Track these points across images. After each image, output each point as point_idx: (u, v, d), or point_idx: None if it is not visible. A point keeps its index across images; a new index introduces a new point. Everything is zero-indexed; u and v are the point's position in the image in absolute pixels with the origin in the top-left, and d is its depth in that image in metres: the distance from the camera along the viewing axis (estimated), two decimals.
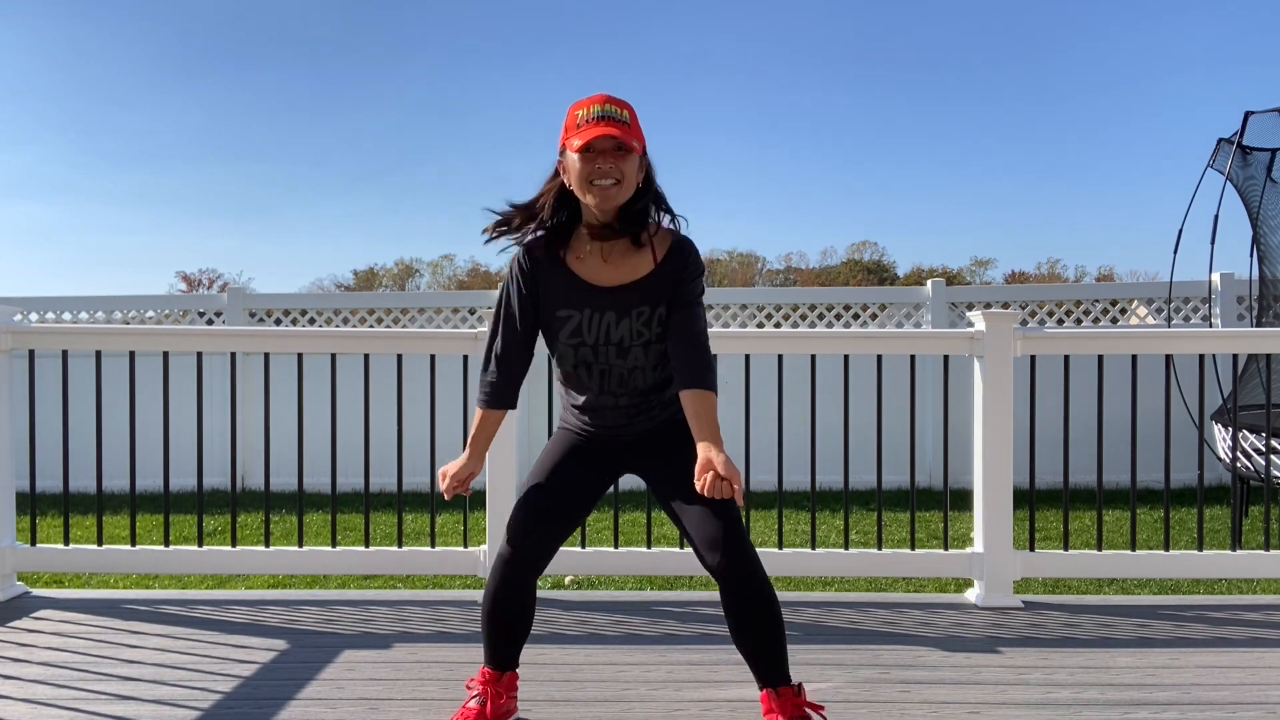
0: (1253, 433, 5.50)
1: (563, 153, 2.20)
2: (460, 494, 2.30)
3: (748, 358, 3.70)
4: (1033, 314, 8.43)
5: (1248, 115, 6.34)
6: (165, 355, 3.77)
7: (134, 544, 3.75)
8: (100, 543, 3.75)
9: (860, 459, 3.98)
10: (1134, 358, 3.65)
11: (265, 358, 3.77)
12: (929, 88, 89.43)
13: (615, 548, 3.77)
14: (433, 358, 3.74)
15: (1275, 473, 5.15)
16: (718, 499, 2.09)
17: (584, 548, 3.76)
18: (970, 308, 8.36)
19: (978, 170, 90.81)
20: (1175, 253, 6.85)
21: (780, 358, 3.69)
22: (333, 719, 2.45)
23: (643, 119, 2.23)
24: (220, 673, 2.78)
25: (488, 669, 2.36)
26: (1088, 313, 8.24)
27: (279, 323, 8.57)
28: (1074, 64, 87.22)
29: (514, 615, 2.31)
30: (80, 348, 3.77)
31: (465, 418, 3.74)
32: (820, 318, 8.39)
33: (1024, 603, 3.50)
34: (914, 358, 3.71)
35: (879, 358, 3.70)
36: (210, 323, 8.55)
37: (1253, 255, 6.61)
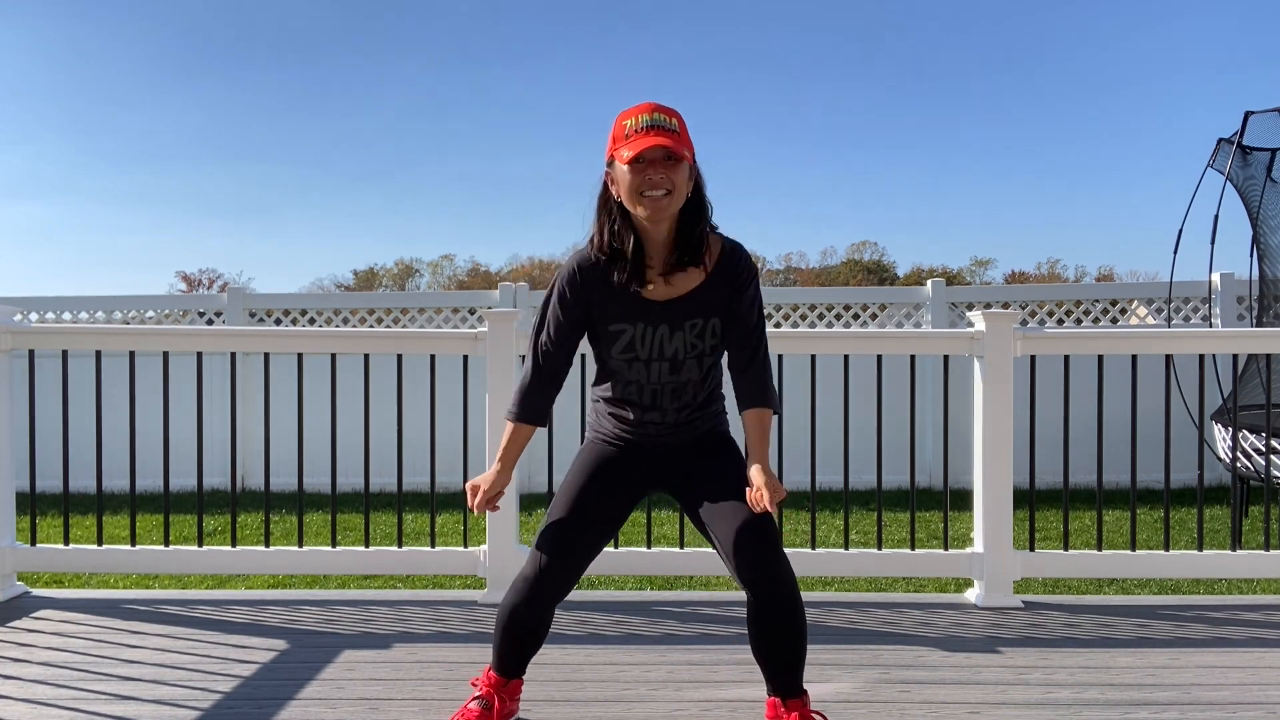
0: (1253, 433, 5.50)
1: (611, 164, 2.17)
2: (491, 512, 2.26)
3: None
4: (1033, 314, 8.43)
5: (1248, 115, 6.34)
6: (165, 355, 3.77)
7: (134, 544, 3.75)
8: (100, 543, 3.75)
9: (860, 459, 3.98)
10: (1134, 358, 3.65)
11: (265, 358, 3.77)
12: (929, 88, 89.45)
13: (615, 548, 3.77)
14: (433, 358, 3.74)
15: (1275, 473, 5.15)
16: (753, 522, 2.11)
17: None
18: (970, 308, 8.36)
19: (978, 170, 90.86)
20: (1175, 253, 6.85)
21: (780, 357, 3.69)
22: (333, 719, 2.45)
23: None
24: (220, 673, 2.77)
25: (495, 674, 2.34)
26: (1088, 313, 8.24)
27: (279, 323, 8.57)
28: (1074, 65, 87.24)
29: (528, 633, 2.28)
30: (80, 348, 3.78)
31: (465, 418, 3.75)
32: (820, 318, 8.39)
33: (1024, 603, 3.50)
34: (914, 358, 3.71)
35: (879, 358, 3.70)
36: (210, 323, 8.55)
37: (1253, 255, 6.61)
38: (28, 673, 2.77)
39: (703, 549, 3.70)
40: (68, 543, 3.76)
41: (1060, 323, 8.24)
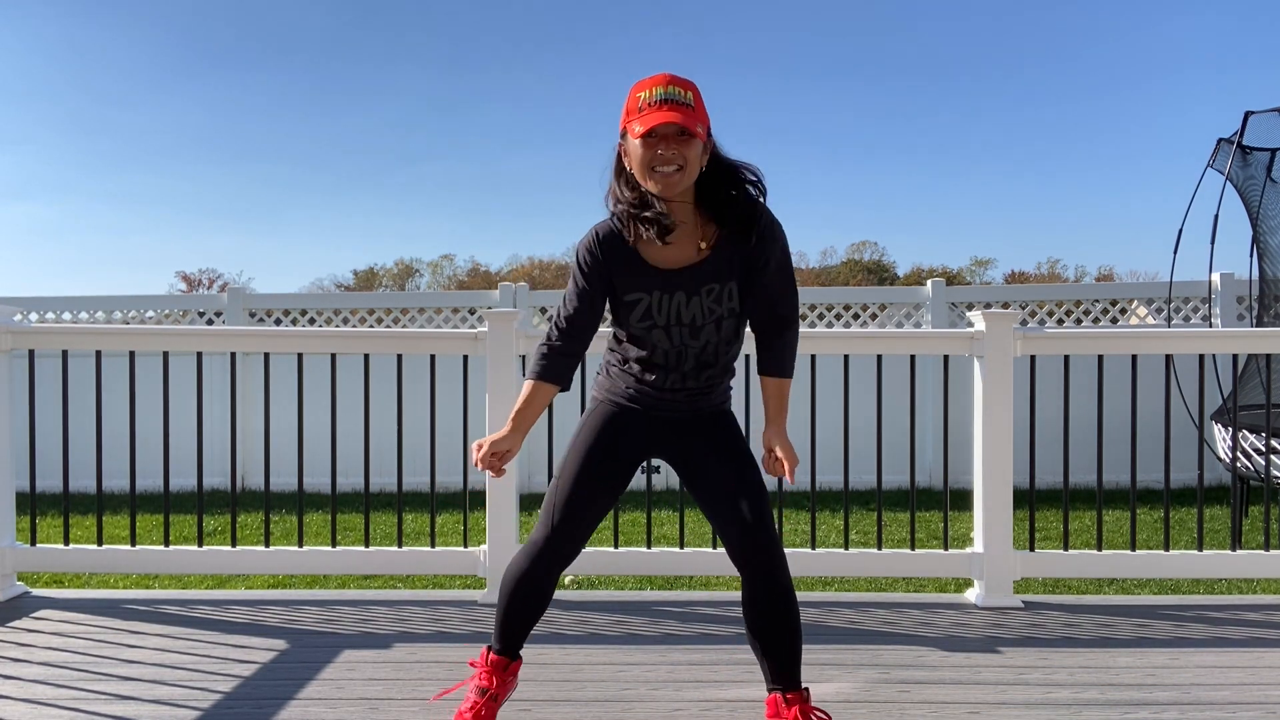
0: (1253, 433, 5.50)
1: (623, 135, 2.13)
2: (491, 472, 2.20)
3: (748, 358, 3.69)
4: (1033, 314, 8.44)
5: (1248, 115, 6.34)
6: (165, 355, 3.77)
7: (134, 544, 3.75)
8: (100, 543, 3.75)
9: (860, 459, 3.98)
10: (1134, 358, 3.65)
11: (265, 358, 3.77)
12: (930, 88, 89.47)
13: (615, 548, 3.77)
14: (433, 358, 3.75)
15: (1275, 473, 5.15)
16: (752, 497, 2.16)
17: (584, 548, 3.76)
18: (970, 308, 8.36)
19: (978, 170, 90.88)
20: (1175, 253, 6.85)
21: None
22: (333, 719, 2.45)
23: None
24: (220, 673, 2.78)
25: (495, 656, 2.33)
26: (1088, 313, 8.24)
27: (279, 323, 8.57)
28: (1074, 64, 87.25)
29: (533, 600, 2.29)
30: (80, 348, 3.78)
31: (465, 418, 3.75)
32: (820, 318, 8.39)
33: (1024, 603, 3.50)
34: (914, 358, 3.72)
35: (879, 358, 3.70)
36: (210, 323, 8.55)
37: (1253, 255, 6.62)
38: (28, 673, 2.78)
39: (703, 549, 3.70)
40: (68, 543, 3.76)
41: (1060, 323, 8.25)
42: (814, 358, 3.69)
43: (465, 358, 3.69)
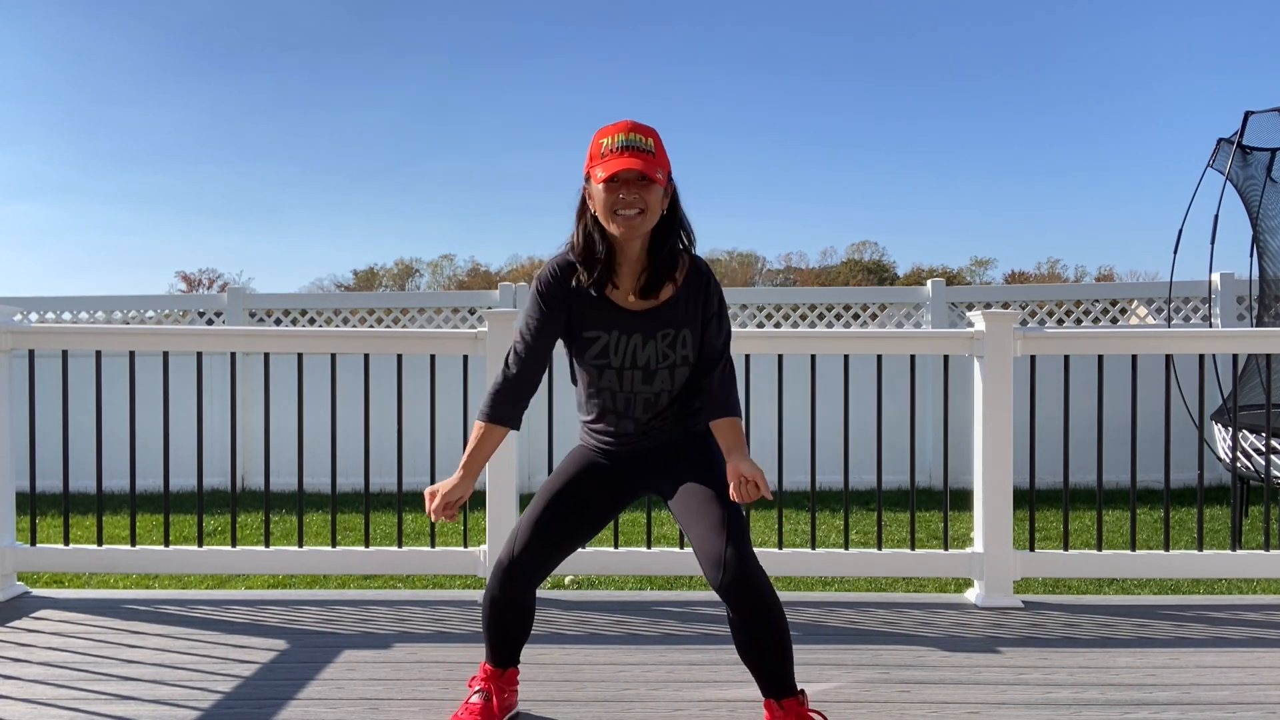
0: (1253, 433, 5.49)
1: (587, 180, 2.22)
2: (446, 520, 2.26)
3: (748, 358, 3.69)
4: (1033, 314, 8.43)
5: (1248, 115, 6.34)
6: (165, 355, 3.76)
7: (134, 544, 3.75)
8: (100, 543, 3.75)
9: (860, 459, 3.99)
10: (1134, 358, 3.65)
11: (265, 358, 3.77)
12: (930, 88, 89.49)
13: (615, 548, 3.77)
14: (433, 358, 3.75)
15: (1275, 473, 5.15)
16: (723, 515, 2.16)
17: (584, 548, 3.76)
18: (970, 308, 8.36)
19: (978, 170, 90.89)
20: (1175, 253, 6.85)
21: (780, 358, 3.69)
22: (333, 719, 2.45)
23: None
24: (220, 673, 2.78)
25: (489, 665, 2.39)
26: (1088, 313, 8.24)
27: (279, 323, 8.57)
28: (1074, 65, 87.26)
29: (511, 620, 2.33)
30: (80, 348, 3.77)
31: (465, 418, 3.74)
32: (820, 318, 8.39)
33: (1024, 603, 3.50)
34: (914, 358, 3.71)
35: (879, 358, 3.70)
36: (210, 323, 8.55)
37: (1253, 255, 6.61)
38: (28, 673, 2.77)
39: None
40: (68, 543, 3.76)
41: (1060, 323, 8.24)
42: (814, 358, 3.69)
43: (465, 358, 3.69)
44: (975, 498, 3.62)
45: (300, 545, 3.79)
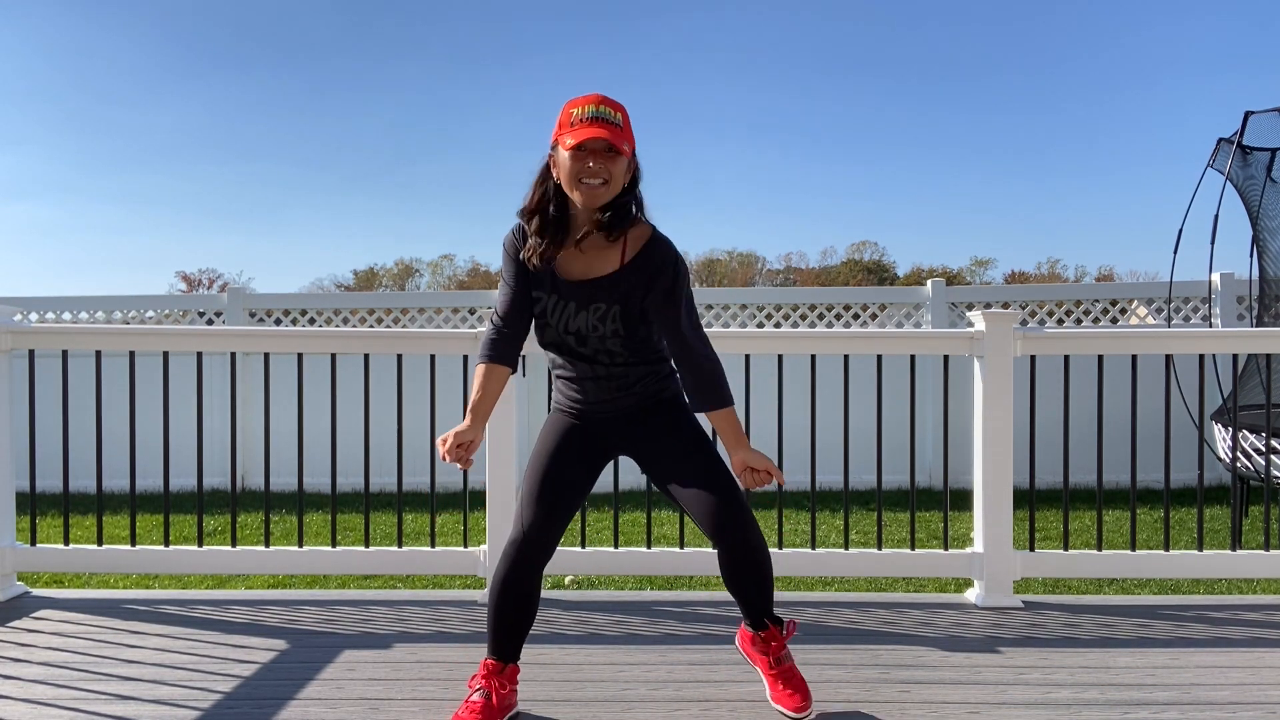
0: (1253, 433, 5.49)
1: (554, 147, 2.28)
2: (460, 465, 2.33)
3: (748, 358, 3.69)
4: (1033, 314, 8.43)
5: (1248, 115, 6.34)
6: (165, 355, 3.76)
7: (134, 544, 3.75)
8: (100, 543, 3.75)
9: (860, 459, 3.98)
10: (1134, 358, 3.65)
11: (265, 358, 3.77)
12: (930, 88, 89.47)
13: (615, 548, 3.77)
14: (433, 358, 3.75)
15: (1275, 473, 5.15)
16: (707, 472, 2.32)
17: (584, 548, 3.76)
18: (970, 308, 8.36)
19: (978, 170, 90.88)
20: (1175, 253, 6.85)
21: (780, 358, 3.69)
22: (333, 719, 2.45)
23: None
24: (220, 673, 2.77)
25: (491, 661, 2.38)
26: (1088, 313, 8.24)
27: (279, 323, 8.57)
28: (1074, 65, 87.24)
29: (521, 602, 2.35)
30: (80, 348, 3.77)
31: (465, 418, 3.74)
32: (820, 318, 8.39)
33: (1024, 603, 3.50)
34: (914, 358, 3.71)
35: (879, 358, 3.70)
36: (210, 323, 8.55)
37: (1253, 255, 6.61)
38: (28, 673, 2.77)
39: (703, 549, 3.70)
40: (68, 543, 3.76)
41: (1060, 323, 8.24)
42: (814, 358, 3.69)
43: (465, 358, 3.68)
44: (975, 498, 3.62)
45: (300, 545, 3.79)
